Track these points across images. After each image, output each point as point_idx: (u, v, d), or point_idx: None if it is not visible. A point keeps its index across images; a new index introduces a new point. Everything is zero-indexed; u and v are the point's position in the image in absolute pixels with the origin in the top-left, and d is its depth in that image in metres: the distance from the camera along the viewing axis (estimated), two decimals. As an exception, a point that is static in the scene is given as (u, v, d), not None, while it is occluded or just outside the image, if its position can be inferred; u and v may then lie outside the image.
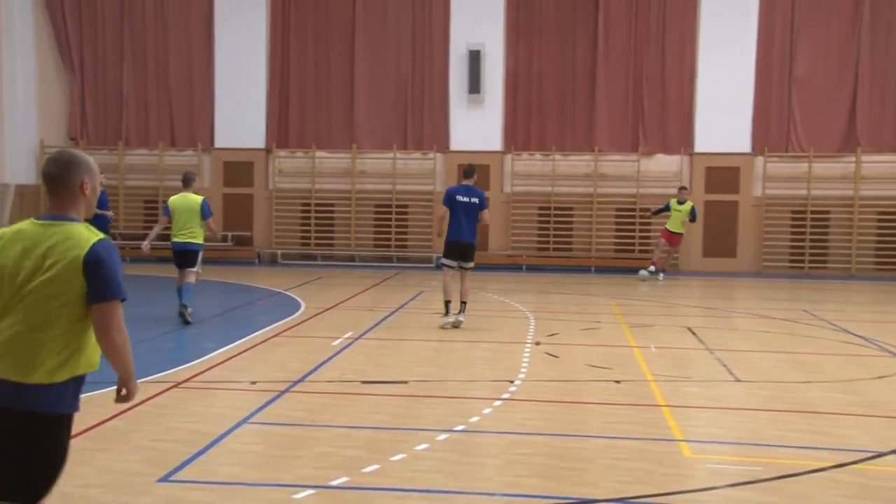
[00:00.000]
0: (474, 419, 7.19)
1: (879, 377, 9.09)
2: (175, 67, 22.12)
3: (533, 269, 20.75)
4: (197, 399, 7.82)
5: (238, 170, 22.10)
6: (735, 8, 20.36)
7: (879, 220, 20.26)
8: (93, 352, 3.72)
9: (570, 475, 5.85)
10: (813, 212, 20.57)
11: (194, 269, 12.02)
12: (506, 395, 8.05)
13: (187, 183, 12.18)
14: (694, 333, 11.80)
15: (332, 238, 22.15)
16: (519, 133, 21.44)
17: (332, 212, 22.14)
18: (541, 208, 21.49)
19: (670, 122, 20.94)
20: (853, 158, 20.24)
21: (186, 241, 11.92)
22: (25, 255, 3.62)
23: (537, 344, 10.72)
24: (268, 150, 22.10)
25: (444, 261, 11.92)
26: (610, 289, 17.10)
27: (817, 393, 8.36)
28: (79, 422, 6.86)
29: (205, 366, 9.14)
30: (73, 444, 6.41)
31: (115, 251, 3.69)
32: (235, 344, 10.37)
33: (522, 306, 14.25)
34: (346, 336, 11.00)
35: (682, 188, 18.84)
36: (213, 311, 13.86)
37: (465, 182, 12.04)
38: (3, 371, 3.56)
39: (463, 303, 11.81)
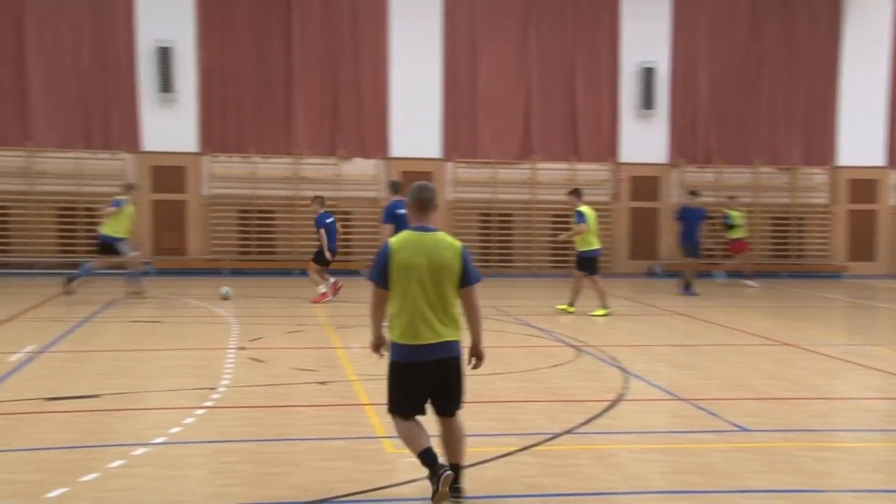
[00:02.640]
0: (175, 430, 6.92)
1: (556, 365, 10.06)
2: None
3: (235, 272, 20.31)
4: None
5: None
6: (421, 21, 21.42)
7: (553, 222, 22.35)
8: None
9: (278, 480, 5.83)
10: (498, 214, 22.24)
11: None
12: (209, 403, 7.83)
13: None
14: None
15: (6, 244, 20.09)
16: (216, 134, 20.90)
17: (6, 215, 20.08)
18: (242, 211, 21.11)
19: (367, 128, 21.55)
20: (529, 165, 22.17)
21: None
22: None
23: (241, 349, 10.53)
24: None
25: None
26: (313, 291, 17.21)
27: (505, 384, 9.05)
28: None
29: None
30: None
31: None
32: None
33: (225, 311, 13.91)
34: (28, 350, 10.05)
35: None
36: None
37: (397, 197, 13.11)
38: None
39: None
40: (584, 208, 14.37)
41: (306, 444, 6.68)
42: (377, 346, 5.65)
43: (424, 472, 5.94)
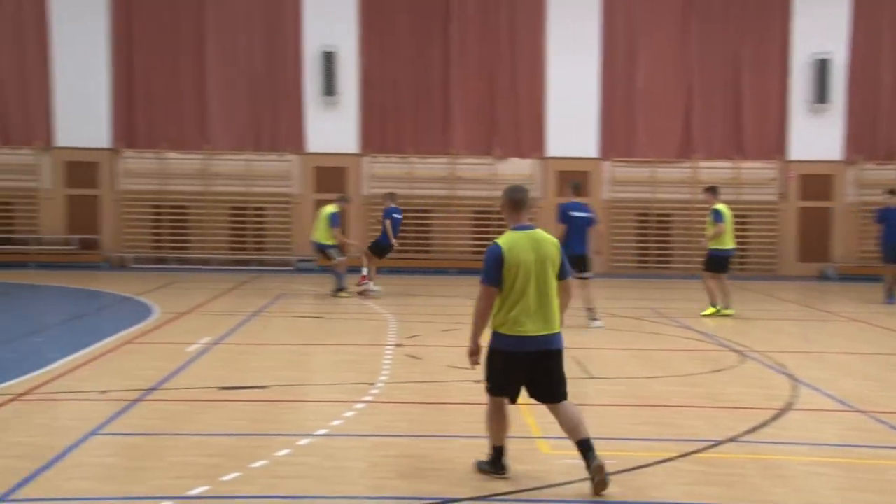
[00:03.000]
0: (337, 423, 7.14)
1: (718, 370, 9.67)
2: (5, 57, 20.77)
3: (393, 271, 20.79)
4: (40, 412, 7.39)
5: (82, 170, 21.04)
6: (579, 21, 21.20)
7: (716, 223, 21.56)
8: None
9: (435, 475, 5.91)
10: (657, 214, 21.67)
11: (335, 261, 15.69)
12: (368, 398, 8.04)
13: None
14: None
15: (186, 241, 21.44)
16: (375, 135, 21.49)
17: (185, 214, 21.44)
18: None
19: (522, 127, 21.54)
20: (690, 164, 21.46)
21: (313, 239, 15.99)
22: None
23: (399, 346, 10.77)
24: (114, 150, 21.15)
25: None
26: (469, 290, 17.35)
27: (664, 387, 8.80)
28: None
29: (48, 376, 8.64)
30: None
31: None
32: (83, 352, 9.86)
33: (382, 308, 14.27)
34: (203, 341, 10.68)
35: None
36: (57, 318, 13.13)
37: (576, 198, 12.70)
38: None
39: (589, 309, 12.41)
40: (721, 206, 13.88)
41: (462, 441, 6.74)
42: (475, 353, 5.85)
43: (581, 474, 5.89)
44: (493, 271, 5.58)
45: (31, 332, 11.40)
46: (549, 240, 5.74)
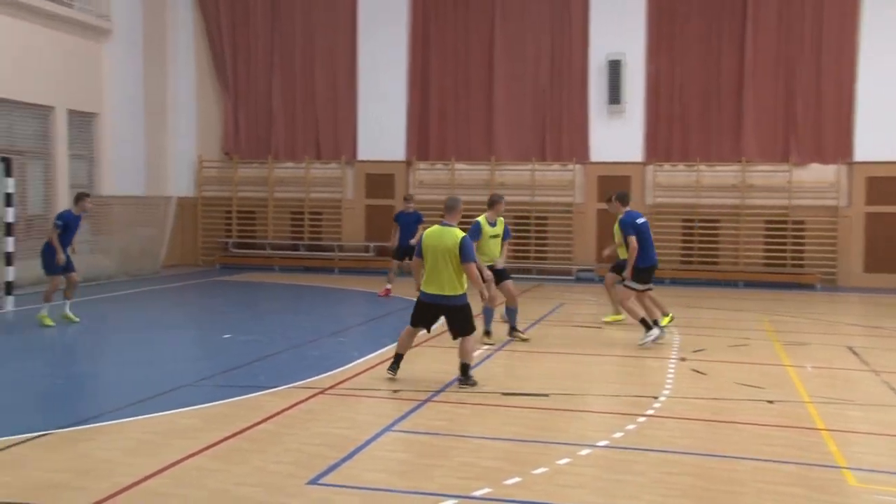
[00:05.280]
0: (618, 435, 7.02)
1: None
2: (321, 82, 22.88)
3: (677, 282, 20.14)
4: (342, 405, 8.01)
5: (380, 182, 22.61)
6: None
7: None
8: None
9: (722, 498, 5.60)
10: None
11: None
12: (650, 412, 7.82)
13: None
14: (856, 353, 11.11)
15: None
16: (660, 143, 20.94)
17: (471, 223, 22.22)
18: (685, 220, 20.87)
19: (826, 131, 19.90)
20: None
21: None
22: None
23: (683, 360, 10.38)
24: (408, 163, 22.50)
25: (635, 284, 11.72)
26: (760, 304, 16.37)
27: None
28: (233, 424, 7.16)
29: (349, 373, 9.35)
30: (230, 444, 6.69)
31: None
32: (378, 353, 10.56)
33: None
34: (486, 347, 11.00)
35: None
36: (356, 321, 14.19)
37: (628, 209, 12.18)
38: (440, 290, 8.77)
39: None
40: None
41: (751, 463, 6.33)
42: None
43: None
44: (418, 248, 8.78)
45: (335, 332, 12.42)
46: (452, 235, 8.67)
